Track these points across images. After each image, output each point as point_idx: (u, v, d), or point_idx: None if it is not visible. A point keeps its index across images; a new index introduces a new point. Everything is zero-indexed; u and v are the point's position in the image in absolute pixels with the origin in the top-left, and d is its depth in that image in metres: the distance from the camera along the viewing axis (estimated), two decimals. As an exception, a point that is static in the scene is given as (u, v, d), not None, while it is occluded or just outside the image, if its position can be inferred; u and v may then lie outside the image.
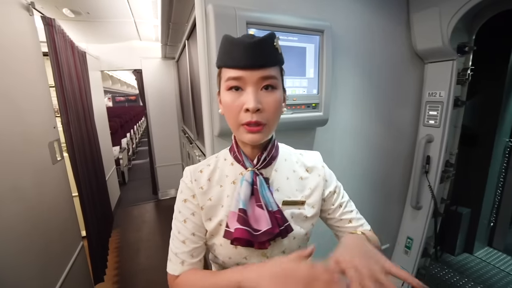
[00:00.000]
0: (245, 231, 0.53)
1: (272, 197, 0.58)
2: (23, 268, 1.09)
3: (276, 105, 0.53)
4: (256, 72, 0.51)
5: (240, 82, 0.52)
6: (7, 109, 1.09)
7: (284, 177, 0.64)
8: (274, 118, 0.55)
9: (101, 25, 2.52)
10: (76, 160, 1.75)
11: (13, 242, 1.04)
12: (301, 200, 0.63)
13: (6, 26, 1.15)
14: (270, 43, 0.52)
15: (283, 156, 0.66)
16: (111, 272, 2.28)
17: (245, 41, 0.50)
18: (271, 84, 0.53)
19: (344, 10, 1.25)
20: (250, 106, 0.51)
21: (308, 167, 0.67)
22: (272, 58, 0.53)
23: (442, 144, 1.49)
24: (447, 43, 1.28)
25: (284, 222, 0.57)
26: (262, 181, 0.59)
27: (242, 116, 0.53)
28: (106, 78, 5.94)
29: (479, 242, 2.41)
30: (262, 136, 0.54)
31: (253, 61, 0.51)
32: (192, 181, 0.63)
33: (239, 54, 0.51)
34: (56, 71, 1.61)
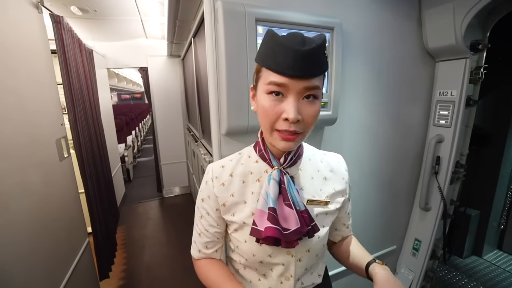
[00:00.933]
0: (276, 230, 0.53)
1: (299, 196, 0.58)
2: (30, 264, 1.10)
3: (315, 116, 0.52)
4: (302, 82, 0.48)
5: (283, 89, 0.49)
6: (16, 106, 1.10)
7: (308, 177, 0.65)
8: (311, 127, 0.54)
9: (108, 23, 2.53)
10: (83, 157, 1.77)
11: (21, 238, 1.05)
12: (325, 200, 0.64)
13: (16, 23, 1.16)
14: (322, 52, 0.48)
15: (307, 156, 0.67)
16: (117, 268, 2.30)
17: (296, 48, 0.46)
18: (314, 94, 0.50)
19: (354, 7, 1.23)
20: (290, 116, 0.48)
21: (332, 168, 0.68)
22: (321, 67, 0.49)
23: (453, 144, 1.45)
24: (460, 41, 1.24)
25: (311, 221, 0.58)
26: (289, 180, 0.59)
27: (280, 123, 0.51)
28: (112, 75, 5.98)
29: (489, 245, 2.37)
30: (295, 144, 0.54)
31: (302, 72, 0.47)
32: (213, 178, 0.63)
33: (286, 60, 0.46)
34: (64, 69, 1.62)
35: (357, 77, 1.31)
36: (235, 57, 0.93)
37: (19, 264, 1.02)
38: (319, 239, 0.63)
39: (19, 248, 1.03)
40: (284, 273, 0.63)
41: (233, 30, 0.90)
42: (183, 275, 2.18)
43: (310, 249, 0.63)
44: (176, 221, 3.16)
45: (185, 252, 2.50)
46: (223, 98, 0.97)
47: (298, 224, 0.54)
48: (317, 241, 0.63)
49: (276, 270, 0.62)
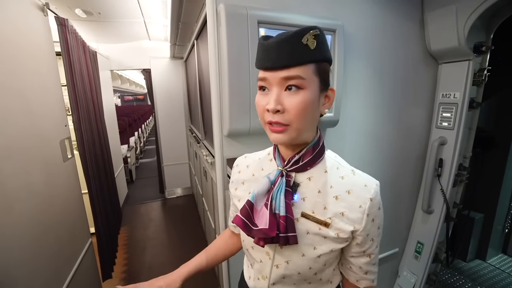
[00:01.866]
0: (242, 221, 0.57)
1: (285, 201, 0.55)
2: (34, 264, 1.11)
3: (300, 106, 0.50)
4: (278, 73, 0.50)
5: (266, 82, 0.53)
6: (21, 108, 1.11)
7: (315, 189, 0.58)
8: (298, 119, 0.51)
9: (112, 25, 2.56)
10: (86, 157, 1.78)
11: (25, 239, 1.06)
12: (325, 220, 0.56)
13: (22, 26, 1.17)
14: (295, 40, 0.48)
15: (324, 167, 0.59)
16: (119, 269, 2.31)
17: (271, 40, 0.50)
18: (295, 84, 0.50)
19: (357, 9, 1.23)
20: (269, 107, 0.51)
21: (351, 189, 0.57)
22: (297, 56, 0.49)
23: (456, 146, 1.44)
24: (463, 43, 1.24)
25: (288, 230, 0.54)
26: (282, 183, 0.57)
27: (266, 115, 0.53)
28: (115, 77, 6.03)
29: (493, 249, 2.34)
30: (286, 136, 0.53)
31: (273, 62, 0.49)
32: (235, 166, 0.74)
33: (264, 54, 0.51)
34: (68, 71, 1.64)
35: (359, 79, 1.31)
36: (237, 59, 0.94)
37: (23, 265, 1.03)
38: (303, 258, 0.58)
39: (23, 249, 1.04)
40: (261, 271, 0.65)
41: (236, 33, 0.91)
42: (184, 276, 2.18)
43: (289, 262, 0.60)
44: (178, 222, 3.17)
45: (187, 253, 2.51)
46: (225, 99, 0.98)
47: (266, 226, 0.54)
48: (300, 258, 0.58)
49: (256, 265, 0.67)
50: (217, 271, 1.97)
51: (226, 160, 1.10)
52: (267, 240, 0.55)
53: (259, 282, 0.67)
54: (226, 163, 1.10)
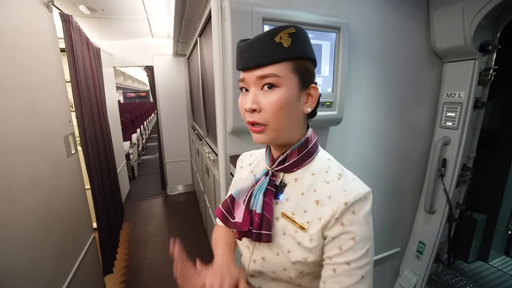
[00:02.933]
0: (221, 212, 0.61)
1: (263, 200, 0.55)
2: (38, 255, 1.12)
3: (275, 105, 0.49)
4: (254, 72, 0.51)
5: (244, 83, 0.53)
6: (27, 102, 1.12)
7: (299, 191, 0.56)
8: (275, 118, 0.50)
9: (115, 22, 2.56)
10: (89, 153, 1.79)
11: (30, 232, 1.07)
12: (301, 224, 0.53)
13: (28, 22, 1.18)
14: (267, 40, 0.49)
15: (313, 170, 0.56)
16: (120, 264, 2.33)
17: (241, 44, 0.52)
18: (271, 83, 0.50)
19: (361, 7, 1.22)
20: (246, 106, 0.52)
21: (332, 194, 0.52)
22: (270, 54, 0.49)
23: (460, 146, 1.43)
24: (469, 42, 1.23)
25: (262, 228, 0.54)
26: (264, 182, 0.58)
27: (246, 115, 0.54)
28: (118, 74, 6.05)
29: (495, 250, 2.33)
30: (265, 136, 0.53)
31: (247, 62, 0.51)
32: (239, 160, 0.75)
33: (239, 56, 0.53)
34: (72, 67, 1.65)
35: (363, 77, 1.31)
36: (241, 56, 0.93)
37: (27, 257, 1.04)
38: (278, 256, 0.56)
39: (28, 242, 1.05)
40: (244, 263, 0.67)
41: (240, 30, 0.91)
42: (185, 273, 2.20)
43: (265, 259, 0.59)
44: (180, 219, 3.18)
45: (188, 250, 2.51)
46: (229, 96, 0.98)
47: (240, 220, 0.56)
48: (274, 257, 0.57)
49: (241, 257, 0.69)
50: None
51: (229, 157, 1.10)
52: (241, 234, 0.57)
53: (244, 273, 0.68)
54: (229, 160, 1.10)
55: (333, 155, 0.61)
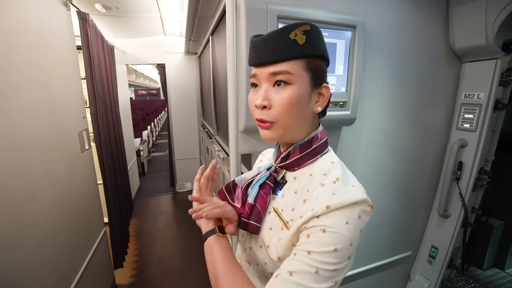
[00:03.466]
0: (223, 193, 0.66)
1: (258, 192, 0.58)
2: (53, 252, 1.15)
3: (285, 102, 0.49)
4: (266, 68, 0.50)
5: (256, 79, 0.53)
6: (45, 99, 1.15)
7: (293, 190, 0.56)
8: (284, 116, 0.50)
9: (129, 20, 2.60)
10: (102, 149, 1.83)
11: (45, 226, 1.10)
12: (287, 221, 0.53)
13: (47, 20, 1.21)
14: (282, 36, 0.48)
15: (312, 171, 0.55)
16: (130, 258, 2.37)
17: (254, 39, 0.52)
18: (283, 80, 0.49)
19: (377, 4, 1.19)
20: (256, 103, 0.52)
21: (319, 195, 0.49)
22: (284, 51, 0.48)
23: (478, 149, 1.38)
24: (492, 40, 1.18)
25: (250, 218, 0.57)
26: (264, 176, 0.60)
27: (254, 111, 0.54)
28: (130, 71, 6.15)
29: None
30: (273, 133, 0.52)
31: (261, 58, 0.50)
32: (260, 155, 0.79)
33: (253, 52, 0.53)
34: (88, 64, 1.68)
35: (377, 77, 1.28)
36: (255, 54, 0.93)
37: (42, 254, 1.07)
38: (261, 249, 0.57)
39: (42, 238, 1.08)
40: (238, 251, 0.70)
41: (255, 27, 0.90)
42: (194, 269, 2.22)
43: (251, 249, 0.62)
44: (188, 216, 3.18)
45: (196, 247, 2.54)
46: (242, 94, 0.97)
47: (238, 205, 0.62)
48: (258, 249, 0.59)
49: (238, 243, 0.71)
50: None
51: (240, 155, 1.10)
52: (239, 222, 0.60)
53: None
54: (240, 159, 1.10)
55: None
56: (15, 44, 0.97)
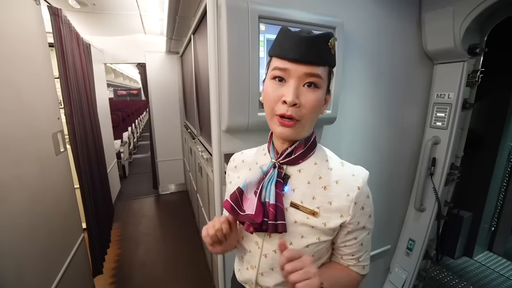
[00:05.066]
0: (230, 205, 0.59)
1: (275, 191, 0.57)
2: (26, 260, 1.08)
3: (314, 104, 0.53)
4: (302, 67, 0.51)
5: (285, 73, 0.53)
6: (12, 97, 1.08)
7: (305, 180, 0.60)
8: (309, 116, 0.54)
9: (106, 17, 2.50)
10: (78, 151, 1.74)
11: (17, 231, 1.04)
12: (313, 210, 0.57)
13: (14, 14, 1.13)
14: (324, 42, 0.51)
15: (315, 160, 0.61)
16: (110, 264, 2.28)
17: (300, 34, 0.51)
18: (315, 82, 0.52)
19: (356, 8, 1.24)
20: (288, 99, 0.51)
21: (340, 179, 0.58)
22: (323, 57, 0.52)
23: (449, 146, 1.47)
24: (459, 44, 1.26)
25: (277, 218, 0.55)
26: (274, 174, 0.59)
27: (279, 106, 0.54)
28: (109, 71, 5.91)
29: (480, 246, 2.41)
30: (293, 131, 0.55)
31: (302, 55, 0.50)
32: (231, 160, 0.75)
33: (290, 46, 0.51)
34: (61, 63, 1.60)
35: (357, 77, 1.32)
36: (237, 54, 0.93)
37: (14, 257, 1.01)
38: (290, 246, 0.59)
39: (15, 241, 1.02)
40: (250, 261, 0.66)
41: (236, 27, 0.90)
42: (178, 272, 2.18)
43: (277, 251, 0.60)
44: (172, 219, 3.15)
45: (180, 249, 2.49)
46: (224, 94, 0.97)
47: (253, 212, 0.56)
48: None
49: (246, 256, 0.67)
50: (211, 268, 1.97)
51: (223, 155, 1.09)
52: (256, 227, 0.56)
53: (247, 272, 0.67)
54: (223, 158, 1.10)
55: None
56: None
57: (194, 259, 2.35)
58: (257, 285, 0.66)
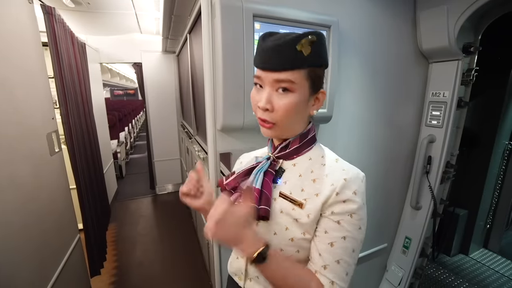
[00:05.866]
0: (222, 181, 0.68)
1: (263, 179, 0.60)
2: (19, 259, 1.07)
3: (287, 108, 0.54)
4: (271, 74, 0.53)
5: (260, 81, 0.56)
6: (5, 98, 1.06)
7: (297, 173, 0.62)
8: (284, 119, 0.55)
9: (102, 17, 2.48)
10: (75, 152, 1.73)
11: (9, 231, 1.03)
12: (300, 201, 0.57)
13: (5, 13, 1.12)
14: (289, 46, 0.51)
15: (310, 155, 0.63)
16: (108, 265, 2.27)
17: (268, 43, 0.53)
18: (286, 87, 0.53)
19: (351, 7, 1.24)
20: (260, 104, 0.55)
21: (329, 172, 0.58)
22: (289, 61, 0.52)
23: (444, 144, 1.48)
24: (453, 43, 1.27)
25: (261, 203, 0.57)
26: (265, 164, 0.63)
27: (258, 111, 0.58)
28: (105, 71, 5.87)
29: (475, 244, 2.44)
30: (273, 132, 0.58)
31: (266, 64, 0.53)
32: (239, 158, 0.80)
33: (261, 54, 0.54)
34: (56, 62, 1.58)
35: (352, 75, 1.33)
36: (232, 53, 0.92)
37: (6, 258, 1.00)
38: (275, 236, 0.59)
39: (6, 241, 1.01)
40: None
41: (230, 26, 0.90)
42: (175, 272, 2.17)
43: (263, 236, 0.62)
44: (169, 219, 3.14)
45: (178, 249, 2.49)
46: (219, 93, 0.97)
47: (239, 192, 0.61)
48: (272, 237, 0.59)
49: None
50: (209, 268, 1.96)
51: (219, 154, 1.09)
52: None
53: (237, 262, 0.69)
54: (219, 158, 1.09)
55: None
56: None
57: (191, 259, 2.34)
58: (247, 276, 0.67)
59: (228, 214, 0.46)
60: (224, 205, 0.47)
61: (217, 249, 1.21)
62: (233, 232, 0.47)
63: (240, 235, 0.48)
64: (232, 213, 0.47)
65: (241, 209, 0.48)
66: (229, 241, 0.48)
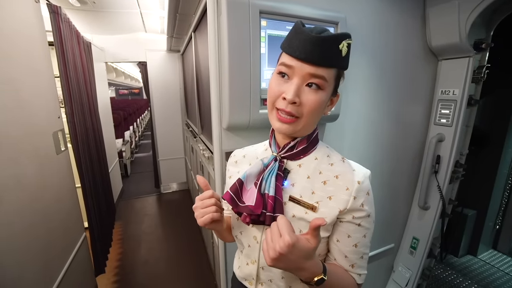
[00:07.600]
0: (230, 196, 0.58)
1: (276, 184, 0.57)
2: (26, 257, 1.08)
3: (315, 105, 0.52)
4: (307, 67, 0.51)
5: (290, 70, 0.53)
6: (10, 94, 1.07)
7: (305, 174, 0.60)
8: (309, 115, 0.53)
9: (107, 16, 2.48)
10: (80, 151, 1.74)
11: (15, 230, 1.03)
12: (312, 204, 0.57)
13: (12, 13, 1.12)
14: (333, 43, 0.50)
15: (316, 155, 0.61)
16: (113, 264, 2.29)
17: (309, 33, 0.50)
18: (317, 84, 0.52)
19: (359, 3, 1.21)
20: (288, 96, 0.51)
21: (340, 173, 0.58)
22: (329, 59, 0.50)
23: (454, 143, 1.45)
24: (464, 39, 1.24)
25: (275, 210, 0.55)
26: (274, 167, 0.59)
27: (279, 101, 0.54)
28: (110, 70, 5.91)
29: (484, 245, 2.39)
30: (290, 128, 0.55)
31: (307, 55, 0.50)
32: (232, 156, 0.75)
33: (298, 43, 0.51)
34: (62, 61, 1.59)
35: (359, 73, 1.30)
36: (238, 50, 0.91)
37: (13, 257, 1.00)
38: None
39: (13, 240, 1.01)
40: (250, 256, 0.66)
41: (237, 23, 0.89)
42: (180, 271, 2.18)
43: None
44: (174, 218, 3.15)
45: (183, 248, 2.49)
46: (225, 91, 0.96)
47: (253, 203, 0.55)
48: None
49: (245, 250, 0.67)
50: (214, 267, 1.96)
51: (224, 153, 1.08)
52: (253, 218, 0.56)
53: (247, 268, 0.67)
54: (224, 156, 1.08)
55: None
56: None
57: (196, 258, 2.35)
58: (258, 281, 0.66)
59: (294, 249, 0.44)
60: (289, 238, 0.43)
61: (223, 250, 1.20)
62: (295, 264, 0.46)
63: (301, 266, 0.47)
64: (297, 249, 0.44)
65: (306, 245, 0.46)
66: (288, 270, 0.48)
